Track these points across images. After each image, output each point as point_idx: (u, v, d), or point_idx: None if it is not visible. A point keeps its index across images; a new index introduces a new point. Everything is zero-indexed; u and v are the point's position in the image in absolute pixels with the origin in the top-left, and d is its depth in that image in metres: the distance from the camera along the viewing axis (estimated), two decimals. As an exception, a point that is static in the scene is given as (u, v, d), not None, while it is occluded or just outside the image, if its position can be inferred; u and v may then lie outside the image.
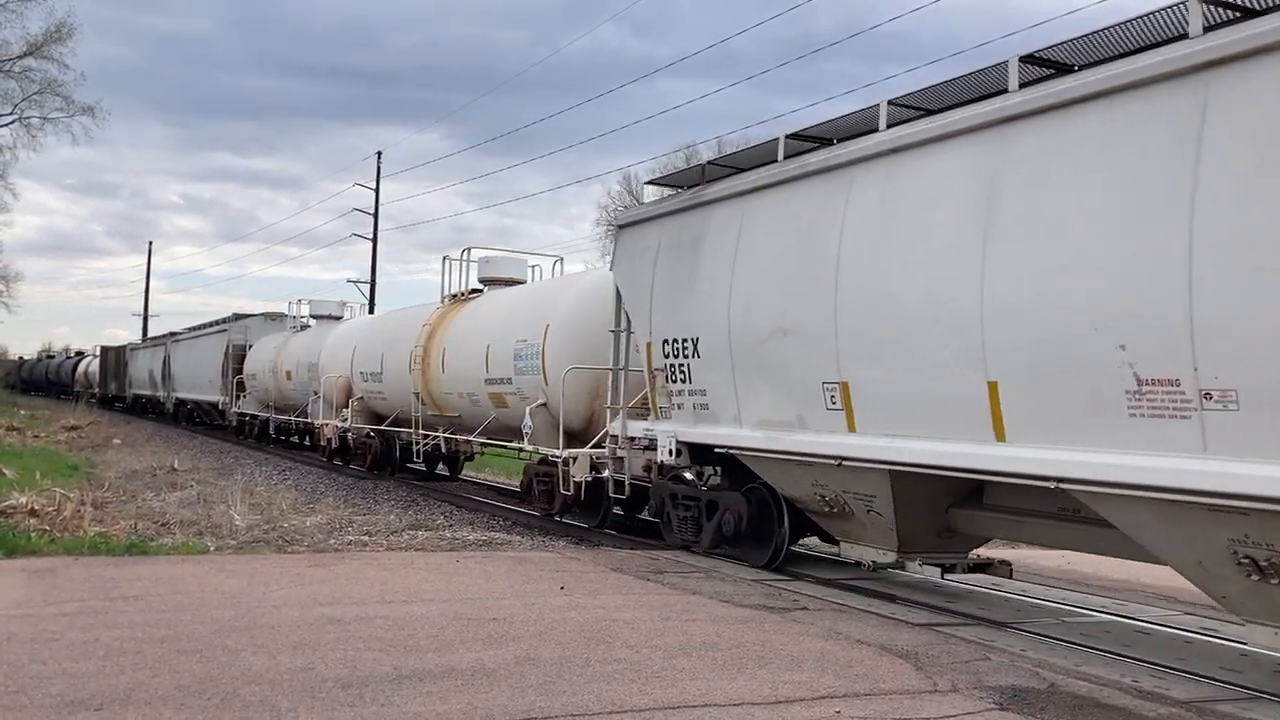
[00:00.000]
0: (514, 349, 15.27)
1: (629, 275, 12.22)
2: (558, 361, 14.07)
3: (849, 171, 8.96)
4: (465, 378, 16.97)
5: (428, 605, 8.15)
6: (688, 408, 11.14)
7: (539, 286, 17.65)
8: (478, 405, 16.75)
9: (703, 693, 5.86)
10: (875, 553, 9.51)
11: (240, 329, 34.48)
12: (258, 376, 31.02)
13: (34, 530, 11.41)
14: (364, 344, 22.39)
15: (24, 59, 43.41)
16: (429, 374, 18.43)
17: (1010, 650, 7.45)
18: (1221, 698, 6.46)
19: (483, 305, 17.91)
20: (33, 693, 5.45)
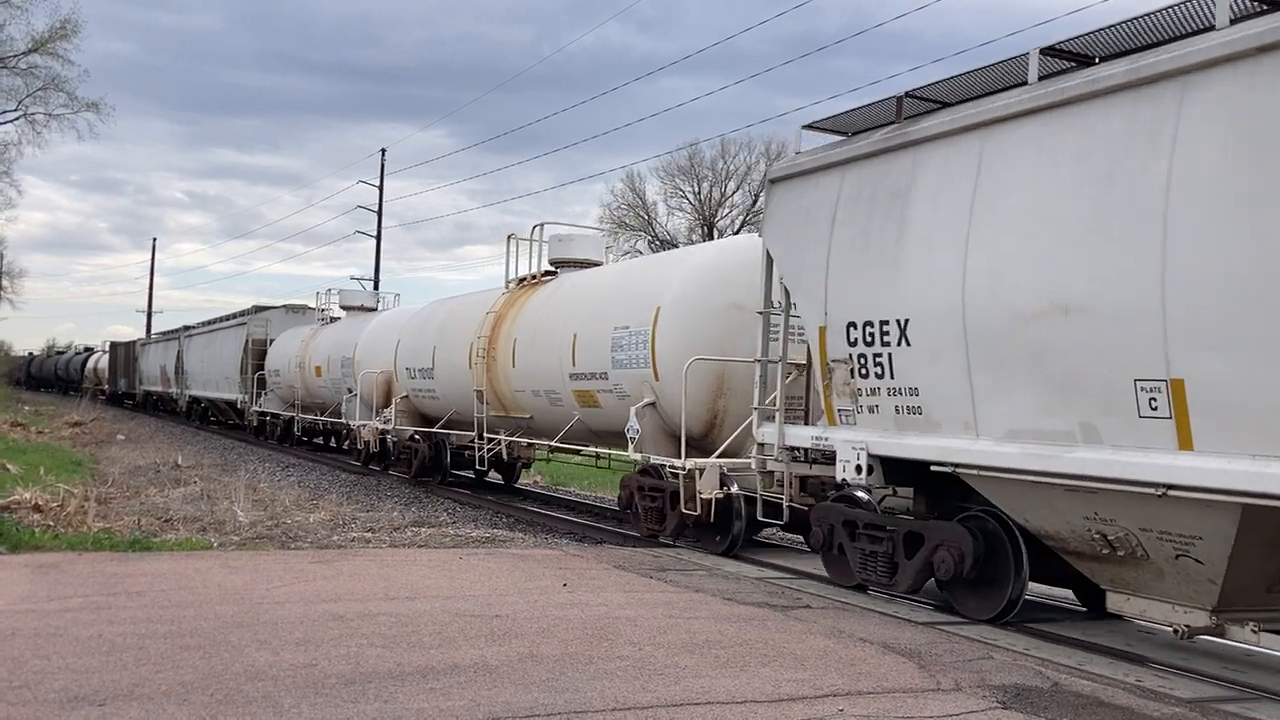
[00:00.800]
0: (611, 338, 13.10)
1: (788, 242, 9.79)
2: (675, 351, 11.92)
3: (1178, 85, 6.44)
4: (543, 372, 14.79)
5: (431, 602, 8.15)
6: (885, 411, 8.65)
7: (638, 264, 15.64)
8: (558, 405, 14.61)
9: (705, 690, 5.86)
10: (1173, 610, 7.05)
11: (260, 322, 32.46)
12: (281, 373, 28.97)
13: (38, 526, 11.43)
14: (411, 336, 19.98)
15: (29, 55, 43.40)
16: (495, 369, 16.16)
17: (1013, 649, 7.44)
18: (1226, 697, 6.45)
19: (562, 289, 15.44)
20: (36, 688, 5.45)
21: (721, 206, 57.92)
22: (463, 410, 17.66)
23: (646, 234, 58.53)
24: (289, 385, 28.41)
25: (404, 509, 15.87)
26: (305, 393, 27.18)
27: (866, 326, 8.76)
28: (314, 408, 27.05)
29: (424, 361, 19.01)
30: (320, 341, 26.48)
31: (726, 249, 12.60)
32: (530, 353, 15.14)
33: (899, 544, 8.88)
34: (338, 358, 24.65)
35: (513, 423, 16.22)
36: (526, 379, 15.29)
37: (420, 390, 19.44)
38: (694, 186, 58.07)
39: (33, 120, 44.81)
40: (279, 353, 29.57)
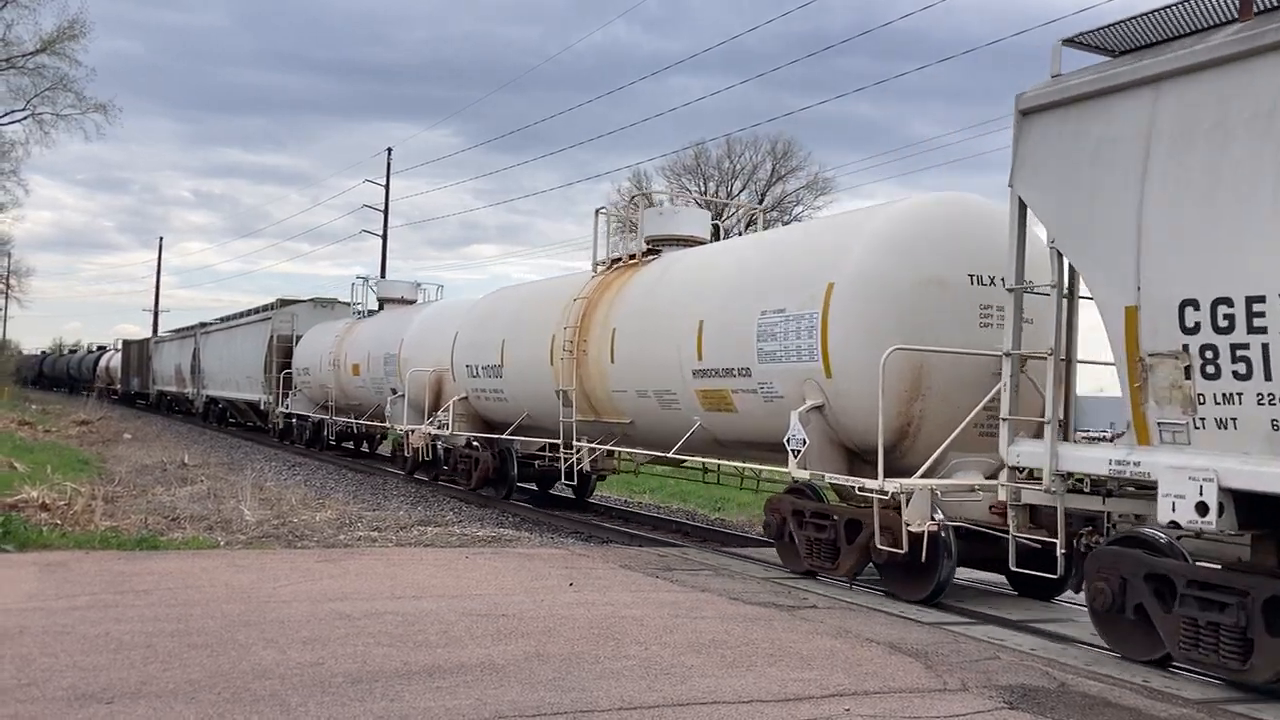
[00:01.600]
0: (757, 325, 10.59)
1: (1060, 191, 7.45)
2: (856, 340, 9.48)
3: None
4: (652, 369, 12.38)
5: (437, 601, 8.16)
6: (1250, 426, 6.27)
7: (792, 233, 12.67)
8: (672, 408, 12.17)
9: (711, 690, 5.85)
10: None
11: (286, 317, 30.07)
12: (311, 371, 26.75)
13: (45, 524, 11.46)
14: (473, 329, 17.51)
15: (37, 55, 43.49)
16: (586, 365, 13.76)
17: (1020, 649, 7.43)
18: (1233, 698, 6.43)
19: (675, 269, 12.92)
20: (44, 685, 5.47)
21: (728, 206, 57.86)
22: (537, 414, 15.48)
23: (652, 233, 58.50)
24: (320, 385, 26.21)
25: (410, 508, 15.88)
26: (339, 393, 24.92)
27: (1220, 306, 6.35)
28: (349, 410, 24.82)
29: (489, 358, 16.61)
30: (358, 337, 24.22)
31: (924, 208, 9.94)
32: (635, 345, 12.80)
33: (1255, 612, 6.39)
34: (379, 355, 22.34)
35: (604, 429, 13.82)
36: (629, 377, 12.96)
37: (483, 391, 17.05)
38: (700, 186, 58.05)
39: (40, 120, 44.95)
40: (308, 350, 27.39)
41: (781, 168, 56.62)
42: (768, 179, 56.93)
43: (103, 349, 73.87)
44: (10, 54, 43.11)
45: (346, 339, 24.73)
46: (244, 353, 32.79)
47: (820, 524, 10.10)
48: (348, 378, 24.21)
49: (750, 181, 57.41)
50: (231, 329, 35.65)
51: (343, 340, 24.85)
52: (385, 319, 24.04)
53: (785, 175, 56.75)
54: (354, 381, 23.91)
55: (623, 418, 13.38)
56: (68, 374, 77.78)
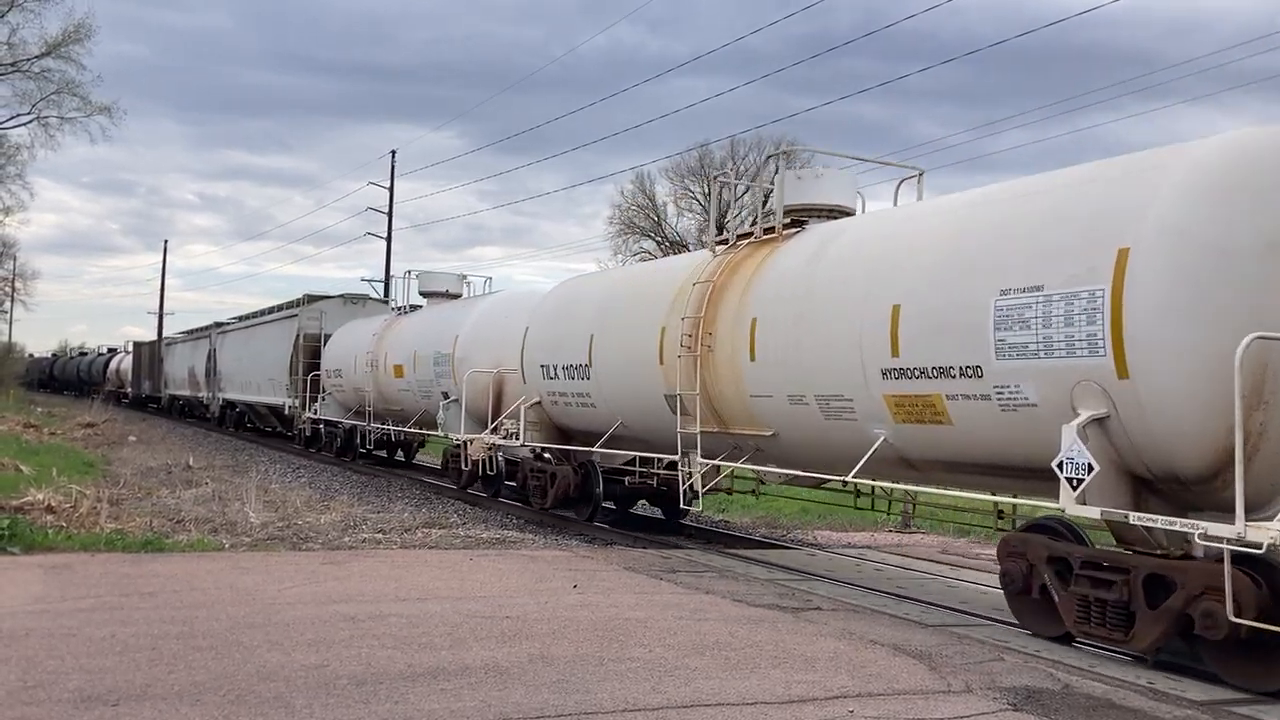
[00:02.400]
0: (994, 309, 7.98)
1: None
2: (1184, 324, 6.89)
3: None
4: (815, 368, 9.72)
5: (441, 603, 8.17)
6: None
7: (1027, 186, 8.65)
8: (841, 418, 9.54)
9: (716, 692, 5.86)
10: None
11: (314, 314, 27.54)
12: (344, 373, 24.19)
13: (51, 526, 11.48)
14: (548, 323, 15.18)
15: (42, 59, 43.62)
16: (714, 365, 11.13)
17: (1024, 651, 7.43)
18: (1238, 699, 6.43)
19: (839, 243, 10.13)
20: (50, 688, 5.48)
21: (731, 207, 57.89)
22: (635, 423, 13.12)
23: (656, 235, 58.58)
24: (354, 388, 23.59)
25: (414, 510, 15.90)
26: (378, 397, 22.26)
27: None
28: (390, 415, 22.13)
29: (572, 355, 14.13)
30: (400, 335, 21.55)
31: (1266, 141, 7.20)
32: (785, 338, 10.13)
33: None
34: (428, 354, 19.67)
35: (732, 442, 11.27)
36: (774, 379, 10.28)
37: (563, 395, 14.63)
38: (704, 187, 58.04)
39: (46, 123, 45.07)
40: (339, 350, 24.94)
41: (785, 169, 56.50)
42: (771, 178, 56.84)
43: (113, 351, 72.23)
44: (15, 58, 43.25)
45: (386, 337, 22.11)
46: (266, 353, 30.17)
47: (1100, 578, 7.49)
48: (388, 380, 21.64)
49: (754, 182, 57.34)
50: (252, 328, 33.18)
51: (382, 339, 22.25)
52: (432, 314, 21.42)
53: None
54: (396, 384, 21.30)
55: (761, 430, 10.65)
56: (77, 376, 76.04)
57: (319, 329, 27.22)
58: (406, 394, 20.83)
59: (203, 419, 40.47)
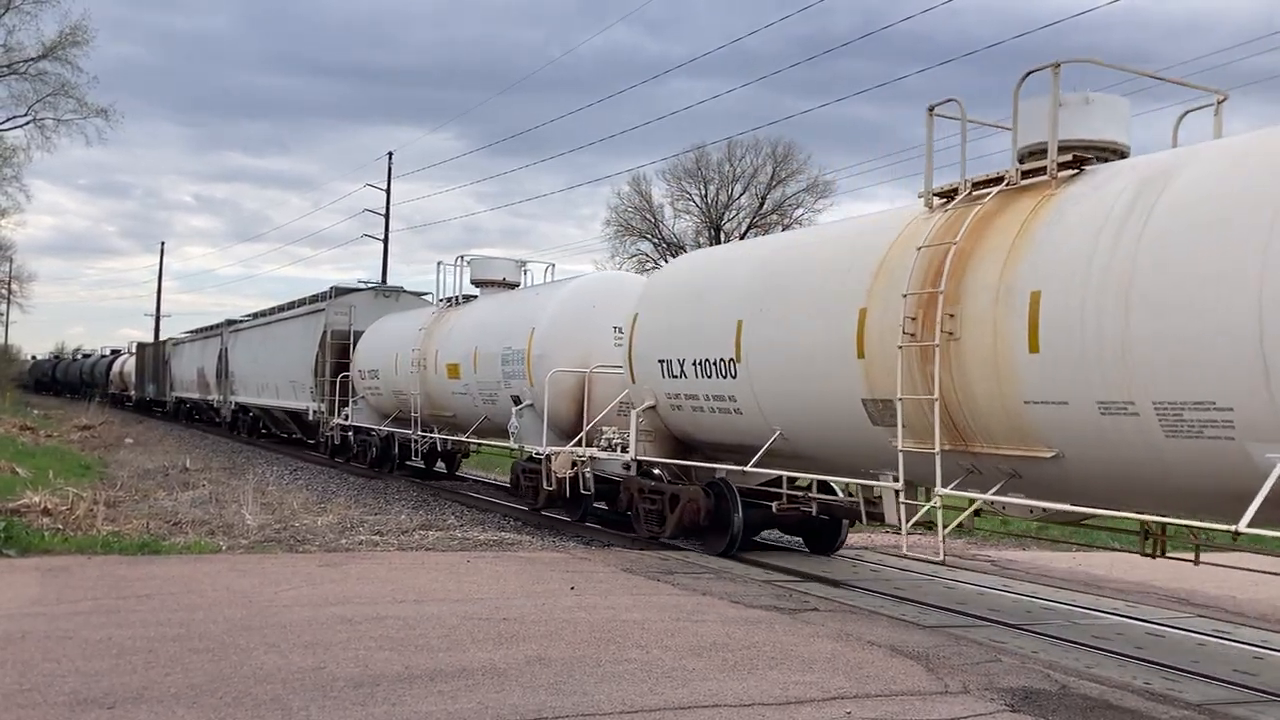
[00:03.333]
0: None
1: None
2: None
3: None
4: (1154, 361, 6.85)
5: (439, 605, 8.16)
6: None
7: None
8: (1200, 435, 6.62)
9: (713, 693, 5.86)
10: None
11: (342, 309, 24.65)
12: (381, 374, 21.29)
13: (47, 529, 11.48)
14: (668, 309, 12.31)
15: (38, 61, 43.55)
16: (960, 358, 8.11)
17: (1021, 652, 7.43)
18: (1235, 700, 6.44)
19: (1175, 187, 7.10)
20: (46, 690, 5.48)
21: (728, 209, 57.96)
22: (804, 435, 10.22)
23: (653, 237, 58.61)
24: (396, 392, 20.66)
25: (412, 512, 15.88)
26: (428, 401, 19.22)
27: None
28: (439, 423, 19.31)
29: (709, 348, 11.22)
30: (455, 329, 18.55)
31: None
32: (1100, 320, 7.19)
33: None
34: (493, 351, 16.50)
35: (971, 464, 8.42)
36: (1068, 378, 7.40)
37: (691, 398, 11.68)
38: (700, 189, 58.10)
39: (42, 125, 44.98)
40: (375, 348, 22.12)
41: (782, 171, 56.66)
42: (768, 182, 56.95)
43: (116, 352, 69.68)
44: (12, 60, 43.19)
45: (437, 333, 19.08)
46: (286, 353, 27.29)
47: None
48: (440, 382, 18.52)
49: (751, 185, 57.43)
50: (269, 325, 30.20)
51: (430, 334, 19.23)
52: (493, 305, 18.20)
53: (785, 178, 56.81)
54: (450, 387, 18.16)
55: (1035, 449, 7.81)
56: (80, 379, 73.61)
57: (348, 325, 24.31)
58: (462, 398, 17.74)
59: (212, 424, 38.23)
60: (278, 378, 28.09)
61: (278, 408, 28.61)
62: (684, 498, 12.00)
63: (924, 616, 8.72)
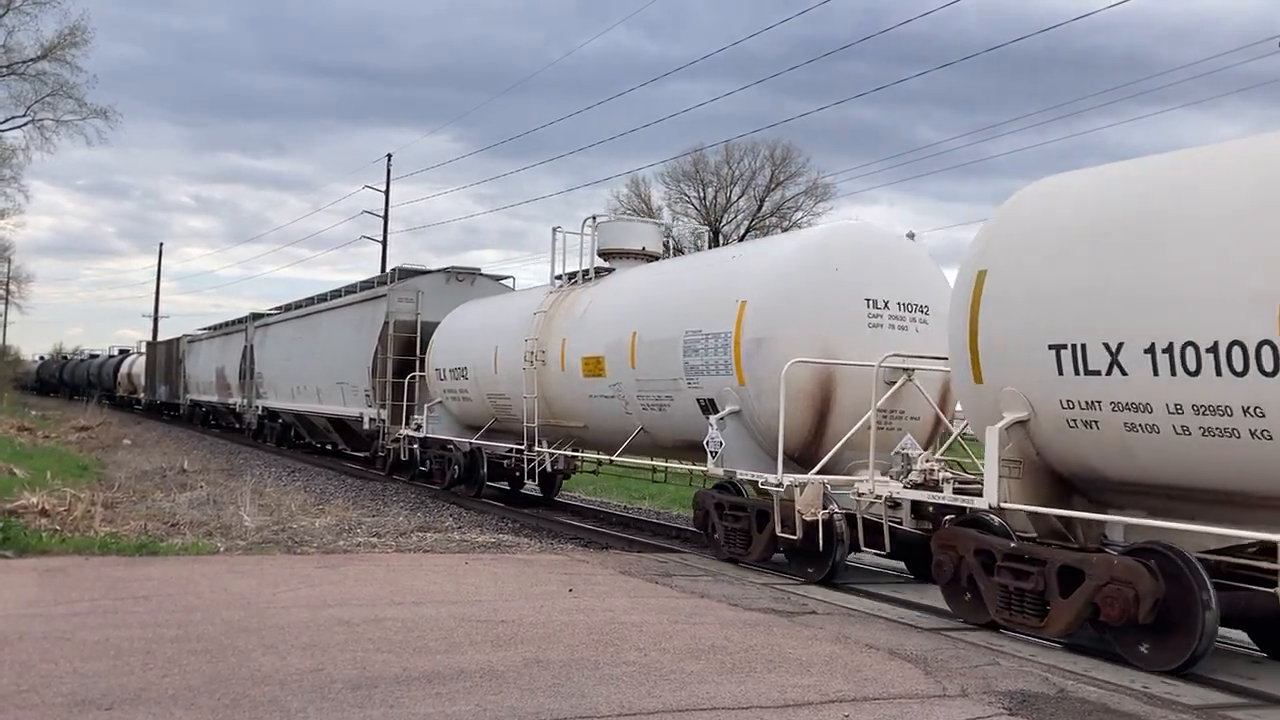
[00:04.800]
0: None
1: None
2: None
3: None
4: None
5: (437, 607, 8.16)
6: None
7: None
8: None
9: (711, 696, 5.86)
10: None
11: (406, 294, 20.76)
12: (471, 373, 17.27)
13: (45, 530, 11.46)
14: (1067, 256, 7.50)
15: (38, 62, 43.55)
16: None
17: (1020, 655, 7.43)
18: (1233, 704, 6.43)
19: None
20: (43, 691, 5.47)
21: (726, 212, 58.00)
22: None
23: (652, 239, 58.53)
24: (493, 395, 16.67)
25: (410, 514, 15.88)
26: (545, 409, 15.10)
27: None
28: (559, 435, 15.21)
29: (1209, 321, 6.50)
30: (594, 309, 14.13)
31: None
32: None
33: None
34: (667, 337, 12.13)
35: None
36: None
37: (1136, 406, 6.99)
38: (699, 191, 58.16)
39: (41, 126, 44.97)
40: (460, 340, 18.08)
41: (780, 173, 56.72)
42: (766, 185, 57.01)
43: (124, 352, 67.43)
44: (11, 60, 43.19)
45: (561, 316, 14.85)
46: (332, 349, 23.54)
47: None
48: (568, 382, 14.29)
49: (749, 187, 57.47)
50: (309, 317, 26.23)
51: (552, 319, 15.01)
52: (653, 277, 13.71)
53: (784, 181, 56.86)
54: (585, 388, 13.88)
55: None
56: (87, 379, 71.00)
57: (414, 314, 20.46)
58: (606, 403, 13.48)
59: (232, 430, 34.74)
60: (320, 378, 24.26)
61: (318, 414, 24.66)
62: (1102, 575, 7.21)
63: (922, 619, 8.72)
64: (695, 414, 11.71)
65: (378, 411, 20.77)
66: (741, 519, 11.14)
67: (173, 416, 45.17)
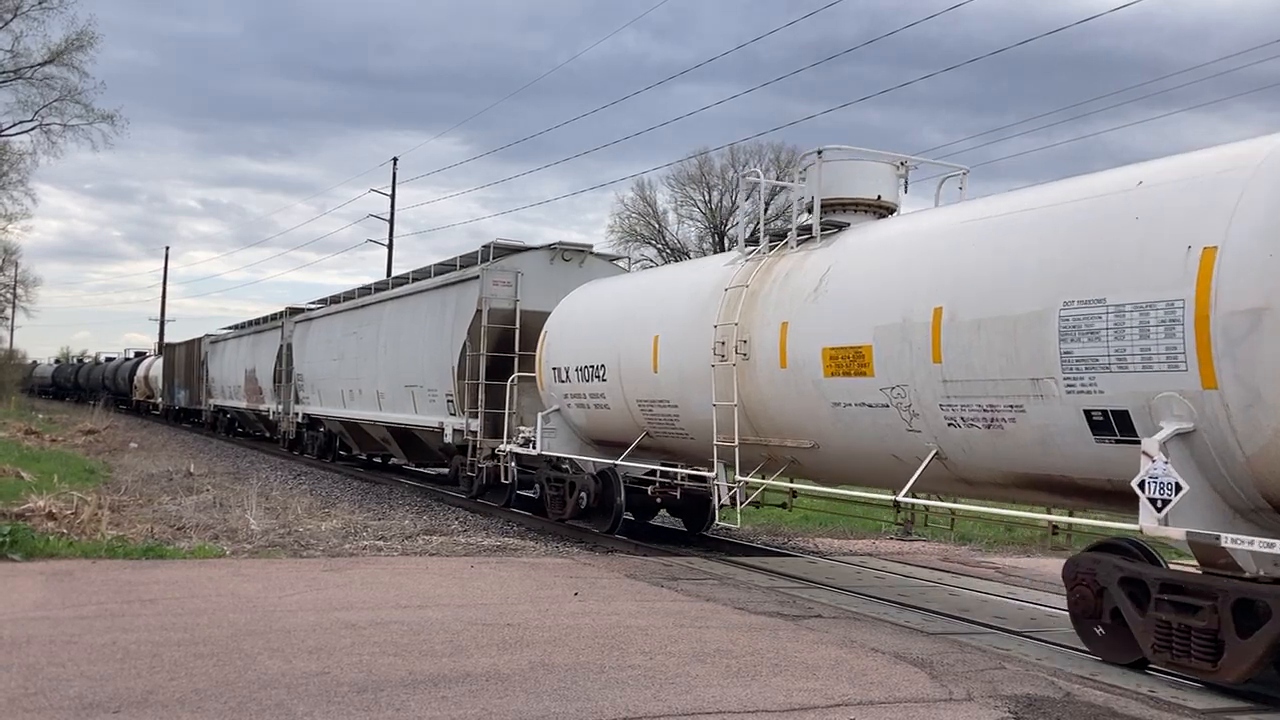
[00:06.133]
0: None
1: None
2: None
3: None
4: None
5: (442, 610, 8.17)
6: None
7: None
8: None
9: (716, 699, 5.86)
10: None
11: (503, 276, 16.76)
12: (611, 372, 13.25)
13: (52, 533, 11.49)
14: None
15: (45, 66, 43.70)
16: None
17: (1025, 659, 7.42)
18: (1240, 708, 6.42)
19: None
20: (51, 695, 5.49)
21: (731, 215, 57.98)
22: None
23: (657, 243, 58.64)
24: (648, 401, 12.55)
25: (415, 517, 15.89)
26: (744, 421, 10.79)
27: None
28: (771, 458, 10.76)
29: None
30: (841, 278, 9.81)
31: None
32: None
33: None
34: (1028, 312, 7.68)
35: None
36: None
37: None
38: (704, 195, 58.17)
39: (48, 130, 45.12)
40: (590, 331, 14.07)
41: (785, 177, 56.69)
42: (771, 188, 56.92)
43: (141, 354, 64.69)
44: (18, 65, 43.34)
45: (771, 293, 10.59)
46: (401, 345, 20.00)
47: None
48: (791, 386, 10.09)
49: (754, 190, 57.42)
50: (364, 309, 22.71)
51: (756, 298, 10.72)
52: (944, 223, 9.19)
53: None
54: (826, 394, 9.63)
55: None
56: (102, 383, 67.73)
57: (512, 301, 16.71)
58: (874, 413, 9.15)
59: (262, 439, 31.61)
60: (381, 381, 20.82)
61: (378, 422, 21.10)
62: None
63: (928, 623, 8.72)
64: (1071, 432, 7.49)
65: (465, 421, 16.81)
66: (1197, 611, 6.80)
67: (192, 426, 41.54)
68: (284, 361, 28.16)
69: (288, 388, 27.78)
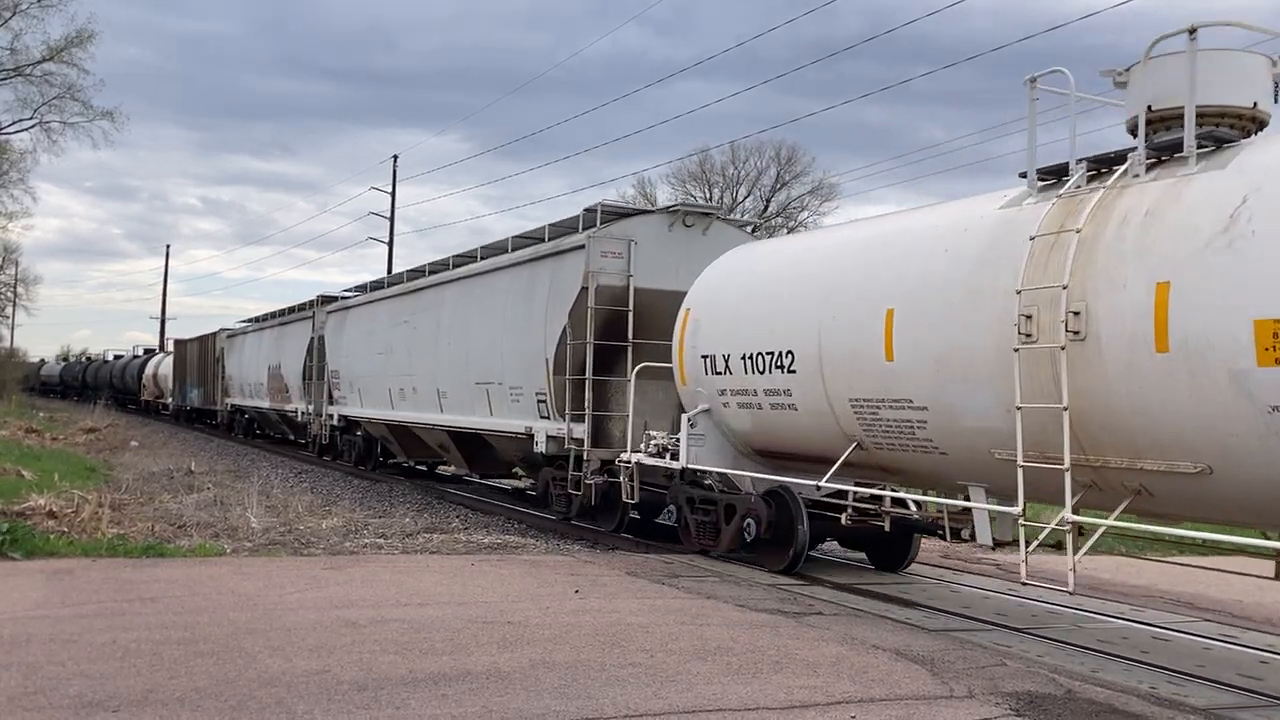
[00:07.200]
0: None
1: None
2: None
3: None
4: None
5: (443, 608, 8.16)
6: None
7: None
8: None
9: (717, 697, 5.85)
10: None
11: (614, 245, 13.76)
12: (804, 361, 10.01)
13: (52, 532, 11.49)
14: None
15: (44, 64, 43.67)
16: None
17: (1027, 656, 7.42)
18: (1241, 705, 6.42)
19: None
20: (51, 693, 5.48)
21: (732, 212, 57.96)
22: None
23: (658, 240, 58.49)
24: (866, 403, 9.35)
25: (416, 515, 15.89)
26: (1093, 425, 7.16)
27: None
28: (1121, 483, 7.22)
29: None
30: None
31: None
32: None
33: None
34: None
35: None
36: None
37: None
38: (705, 192, 58.09)
39: (48, 128, 45.08)
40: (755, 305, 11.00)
41: (786, 174, 56.70)
42: (772, 185, 56.97)
43: (150, 352, 61.83)
44: (18, 62, 43.31)
45: (1115, 243, 7.16)
46: (472, 335, 16.75)
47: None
48: (1167, 381, 6.67)
49: (755, 188, 57.42)
50: (419, 293, 19.38)
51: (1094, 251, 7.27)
52: None
53: (790, 181, 56.81)
54: (1251, 390, 6.23)
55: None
56: (110, 382, 64.68)
57: (624, 277, 13.71)
58: None
59: (286, 443, 28.80)
60: (444, 377, 17.59)
61: (439, 426, 17.94)
62: None
63: (929, 620, 8.71)
64: None
65: (565, 426, 13.74)
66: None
67: (207, 427, 38.11)
68: (315, 356, 25.12)
69: (319, 386, 24.77)
